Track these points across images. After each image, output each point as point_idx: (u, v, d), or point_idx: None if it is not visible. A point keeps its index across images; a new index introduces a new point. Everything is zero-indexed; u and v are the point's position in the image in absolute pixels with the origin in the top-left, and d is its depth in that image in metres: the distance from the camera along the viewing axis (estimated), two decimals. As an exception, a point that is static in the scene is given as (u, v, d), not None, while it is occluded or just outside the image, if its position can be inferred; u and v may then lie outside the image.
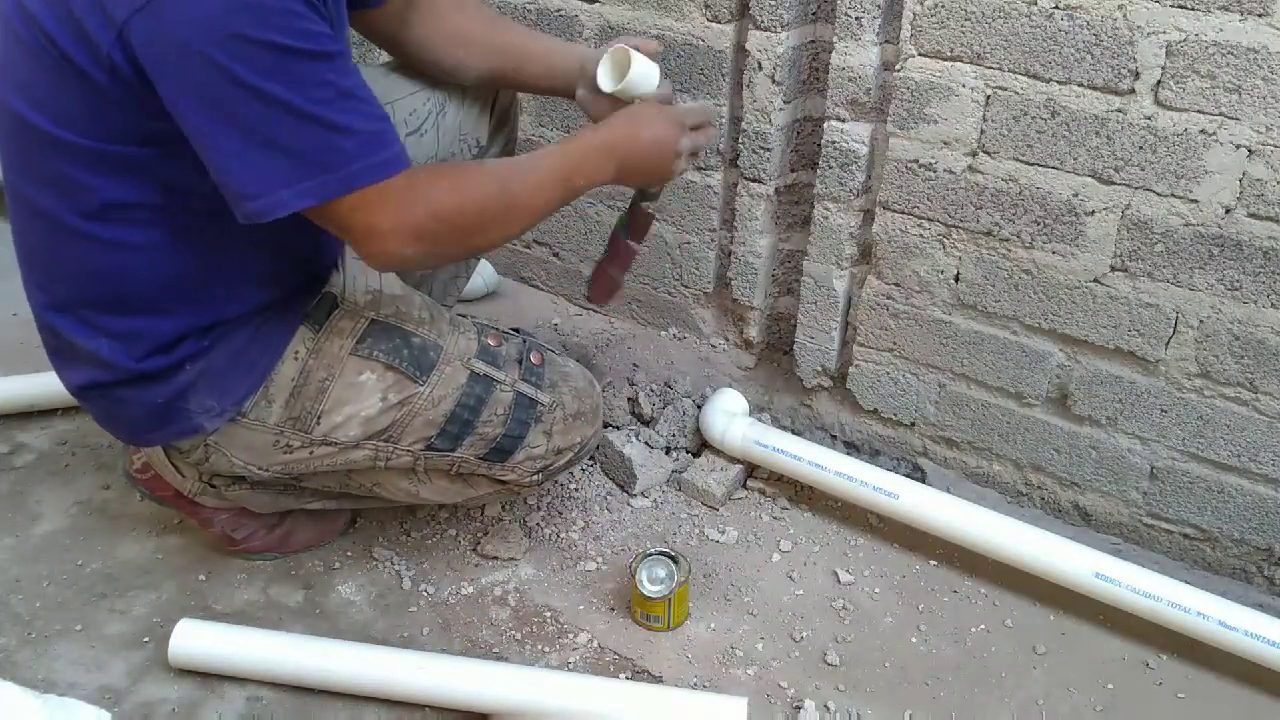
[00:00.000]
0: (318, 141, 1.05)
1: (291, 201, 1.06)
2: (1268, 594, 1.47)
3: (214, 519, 1.49)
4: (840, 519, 1.66)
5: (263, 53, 1.01)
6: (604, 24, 1.78)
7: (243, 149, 1.04)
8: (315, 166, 1.05)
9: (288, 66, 1.02)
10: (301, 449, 1.31)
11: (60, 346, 1.27)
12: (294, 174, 1.05)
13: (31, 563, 1.53)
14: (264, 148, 1.04)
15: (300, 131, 1.04)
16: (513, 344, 1.39)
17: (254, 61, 1.00)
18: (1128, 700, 1.37)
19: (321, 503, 1.49)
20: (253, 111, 1.02)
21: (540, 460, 1.38)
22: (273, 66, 1.01)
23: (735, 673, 1.40)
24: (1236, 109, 1.26)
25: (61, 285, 1.23)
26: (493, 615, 1.46)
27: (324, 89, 1.05)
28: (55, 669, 1.36)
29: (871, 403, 1.71)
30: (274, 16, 1.01)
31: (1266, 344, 1.35)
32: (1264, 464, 1.41)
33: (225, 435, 1.31)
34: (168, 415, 1.27)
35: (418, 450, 1.33)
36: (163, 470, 1.44)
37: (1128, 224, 1.38)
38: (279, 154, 1.04)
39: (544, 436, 1.37)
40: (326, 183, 1.06)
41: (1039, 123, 1.39)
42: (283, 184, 1.05)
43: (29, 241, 1.23)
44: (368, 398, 1.29)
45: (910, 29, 1.44)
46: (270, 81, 1.01)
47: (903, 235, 1.56)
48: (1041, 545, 1.47)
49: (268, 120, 1.03)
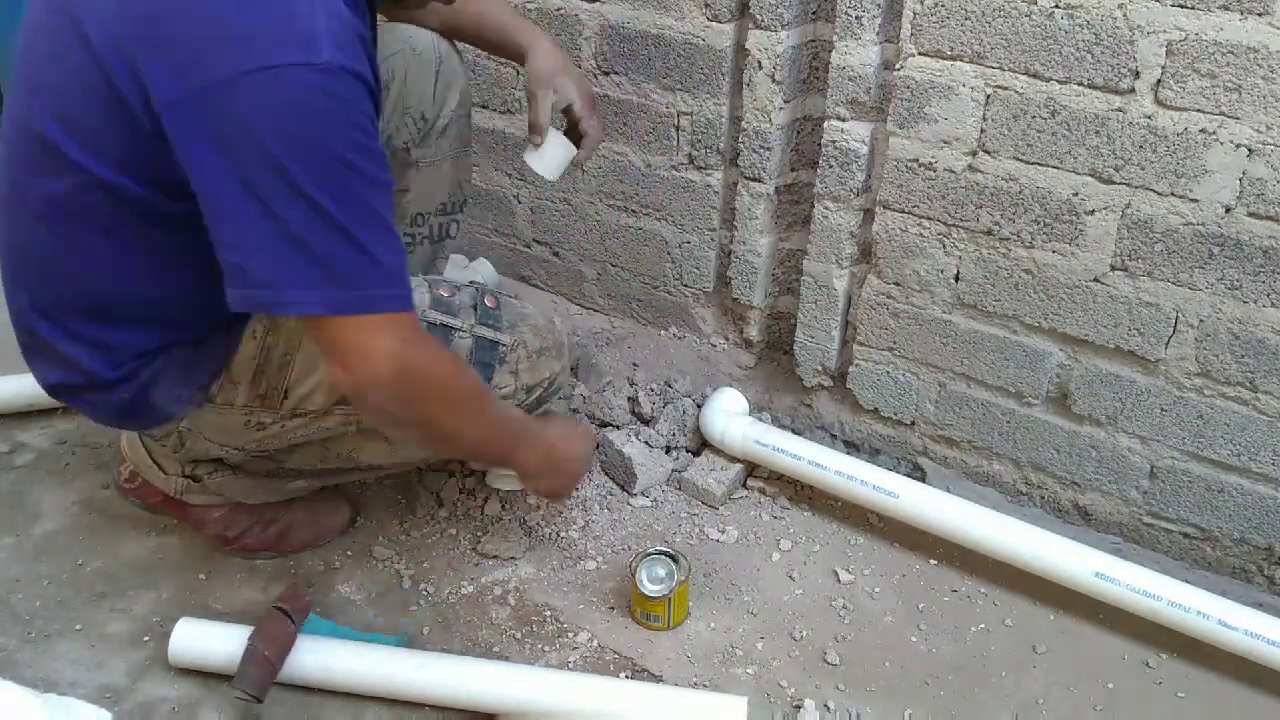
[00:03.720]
0: (350, 258, 1.05)
1: (306, 304, 1.06)
2: (1268, 593, 1.47)
3: (206, 519, 1.50)
4: (840, 518, 1.66)
5: (323, 159, 1.02)
6: (604, 23, 1.78)
7: (271, 241, 1.03)
8: (341, 279, 1.05)
9: (344, 181, 1.03)
10: (274, 424, 1.33)
11: (36, 346, 1.27)
12: (317, 280, 1.05)
13: (31, 562, 1.53)
14: (295, 247, 1.03)
15: (336, 245, 1.04)
16: (466, 292, 1.40)
17: (312, 164, 1.01)
18: (1127, 699, 1.37)
19: (305, 482, 1.50)
20: (294, 210, 1.02)
21: (511, 400, 1.41)
22: (328, 176, 1.02)
23: (735, 672, 1.40)
24: (1237, 108, 1.26)
25: (52, 290, 1.23)
26: (493, 614, 1.46)
27: (367, 212, 1.06)
28: (55, 668, 1.36)
29: (871, 402, 1.71)
30: (345, 129, 1.03)
31: (1266, 343, 1.35)
32: (1264, 463, 1.41)
33: (197, 420, 1.34)
34: (135, 410, 1.30)
35: None
36: (147, 472, 1.46)
37: (1128, 223, 1.38)
38: (308, 258, 1.04)
39: (510, 376, 1.39)
40: (345, 298, 1.06)
41: (1039, 122, 1.39)
42: (302, 285, 1.05)
43: (25, 244, 1.23)
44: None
45: (910, 28, 1.44)
46: (321, 189, 1.02)
47: (903, 234, 1.56)
48: (1041, 544, 1.47)
49: (308, 224, 1.03)
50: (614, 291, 2.02)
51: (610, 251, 1.97)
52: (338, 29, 1.03)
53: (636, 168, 1.86)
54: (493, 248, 2.16)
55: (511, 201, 2.08)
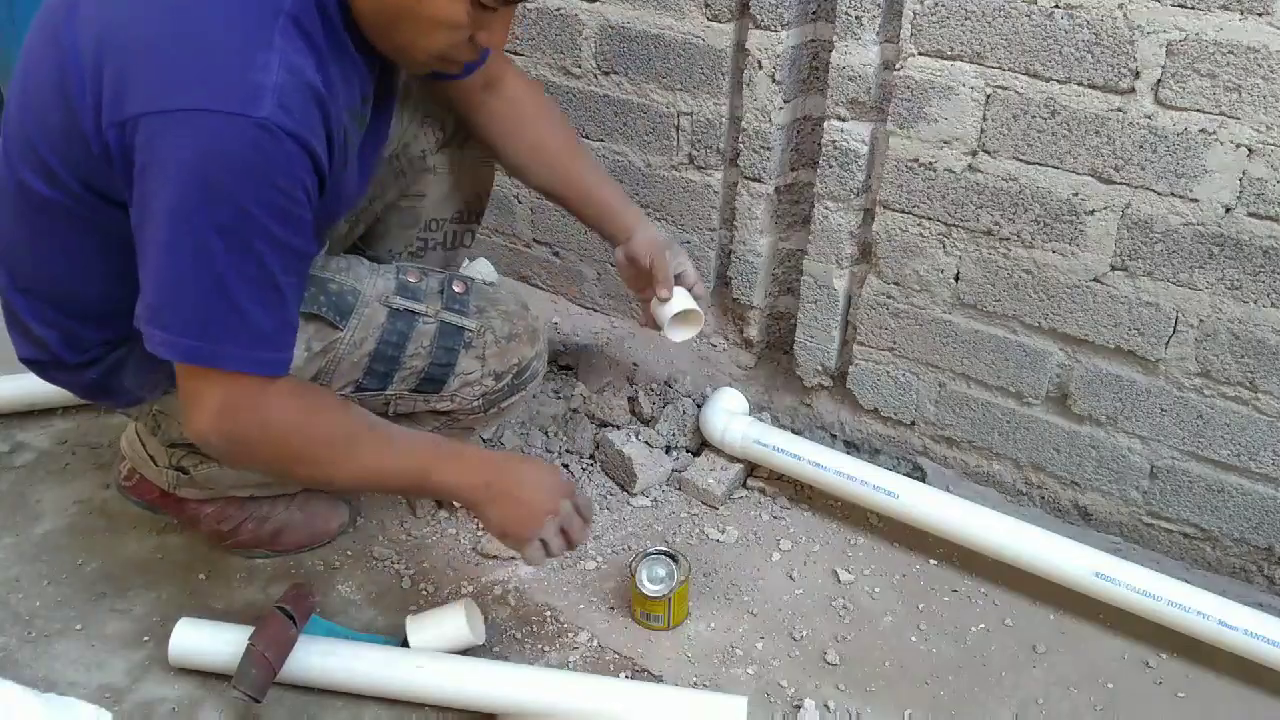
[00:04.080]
0: (218, 312, 1.06)
1: (162, 345, 1.08)
2: (1268, 593, 1.47)
3: (200, 514, 1.51)
4: (840, 518, 1.66)
5: (229, 210, 1.02)
6: (604, 23, 1.78)
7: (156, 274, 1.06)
8: (202, 330, 1.07)
9: (244, 237, 1.04)
10: None
11: (15, 322, 1.31)
12: (180, 324, 1.07)
13: (32, 562, 1.53)
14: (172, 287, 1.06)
15: (210, 295, 1.05)
16: (434, 277, 1.39)
17: (215, 212, 1.02)
18: (1127, 699, 1.37)
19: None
20: (183, 253, 1.04)
21: (479, 386, 1.40)
22: (229, 228, 1.03)
23: (735, 672, 1.40)
24: (1237, 108, 1.26)
25: (30, 273, 1.25)
26: (493, 614, 1.46)
27: (259, 272, 1.07)
28: (55, 668, 1.36)
29: (871, 402, 1.71)
30: (263, 187, 1.03)
31: (1266, 343, 1.35)
32: (1264, 463, 1.41)
33: (167, 404, 1.35)
34: (104, 390, 1.33)
35: (349, 393, 1.35)
36: (142, 466, 1.47)
37: (1128, 223, 1.38)
38: (180, 301, 1.06)
39: (477, 361, 1.38)
40: (197, 349, 1.07)
41: (1039, 122, 1.39)
42: (161, 325, 1.07)
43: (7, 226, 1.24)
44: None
45: (910, 28, 1.44)
46: (217, 238, 1.03)
47: (903, 234, 1.56)
48: (1041, 544, 1.47)
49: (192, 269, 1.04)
50: (614, 291, 2.02)
51: (610, 251, 1.97)
52: (289, 88, 1.03)
53: (636, 168, 1.86)
54: (493, 248, 2.16)
55: (511, 201, 2.08)
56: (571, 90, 1.88)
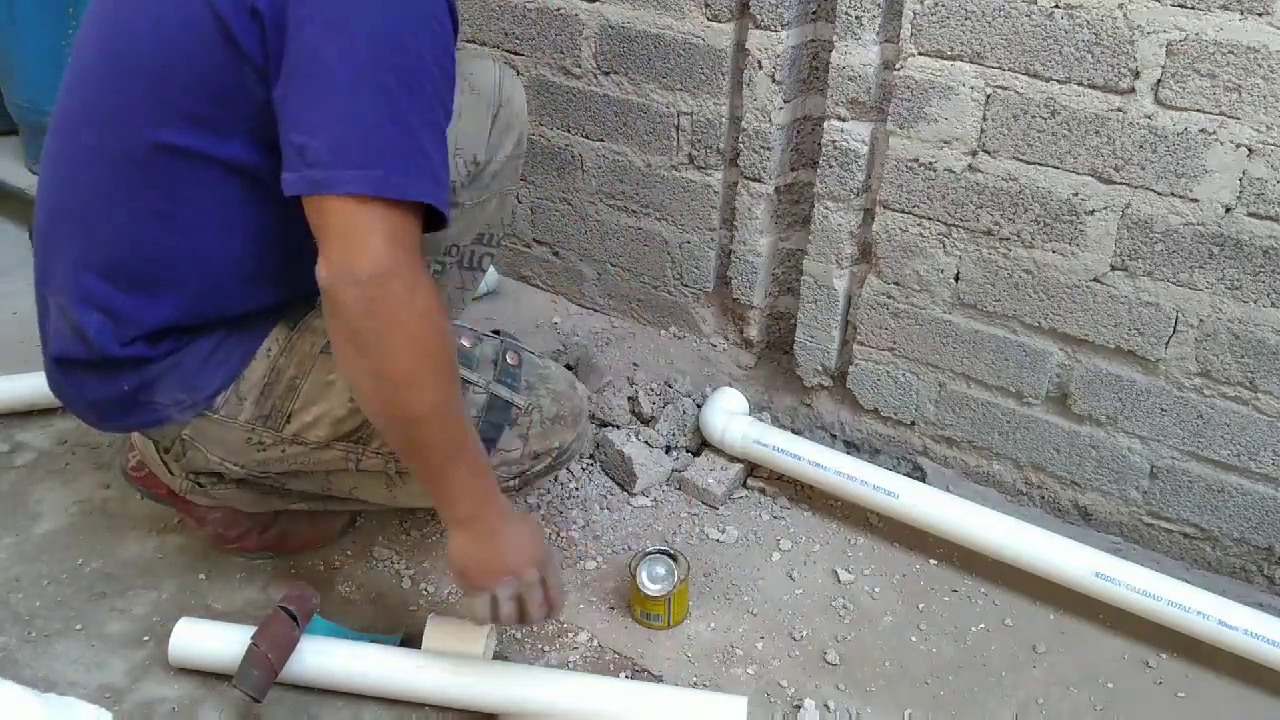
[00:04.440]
0: (403, 147, 1.06)
1: (349, 182, 1.03)
2: (1268, 593, 1.47)
3: (207, 517, 1.50)
4: (840, 518, 1.66)
5: (411, 57, 1.06)
6: (604, 23, 1.78)
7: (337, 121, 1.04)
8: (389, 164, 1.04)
9: (423, 81, 1.07)
10: (274, 447, 1.30)
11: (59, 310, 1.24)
12: (370, 160, 1.03)
13: (32, 562, 1.53)
14: (359, 129, 1.04)
15: (392, 133, 1.05)
16: (488, 344, 1.36)
17: (399, 58, 1.05)
18: (1127, 699, 1.37)
19: (308, 505, 1.48)
20: (371, 97, 1.04)
21: (516, 465, 1.35)
22: (411, 72, 1.06)
23: (735, 671, 1.40)
24: (1236, 108, 1.26)
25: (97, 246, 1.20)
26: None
27: (434, 116, 1.09)
28: (55, 668, 1.36)
29: (871, 402, 1.71)
30: (437, 36, 1.08)
31: (1266, 343, 1.35)
32: (1264, 463, 1.41)
33: (199, 430, 1.30)
34: (134, 404, 1.26)
35: (387, 453, 1.31)
36: (155, 468, 1.45)
37: (1128, 223, 1.38)
38: (367, 141, 1.04)
39: (520, 440, 1.34)
40: (389, 180, 1.04)
41: (1039, 122, 1.39)
42: (353, 165, 1.03)
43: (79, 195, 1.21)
44: (337, 398, 1.27)
45: (910, 28, 1.44)
46: (401, 82, 1.05)
47: (903, 234, 1.56)
48: (1041, 544, 1.47)
49: (381, 111, 1.04)
50: (614, 291, 2.02)
51: (610, 251, 1.98)
52: None
53: (636, 168, 1.86)
54: (493, 248, 2.16)
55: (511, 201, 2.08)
56: (571, 90, 1.88)
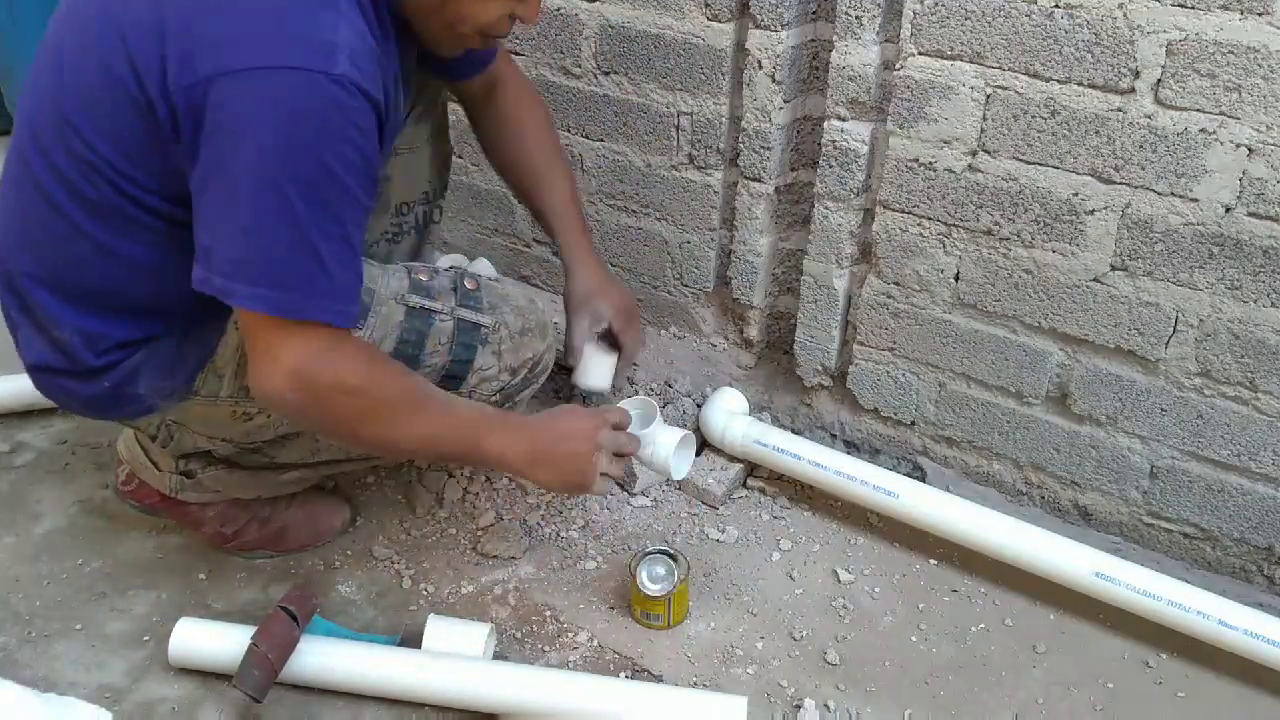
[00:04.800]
0: (302, 264, 1.08)
1: (247, 298, 1.09)
2: (1268, 593, 1.47)
3: (203, 518, 1.50)
4: (840, 518, 1.66)
5: (311, 165, 1.05)
6: (604, 23, 1.78)
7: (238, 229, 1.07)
8: (286, 281, 1.08)
9: (324, 190, 1.06)
10: (260, 414, 1.34)
11: (31, 322, 1.28)
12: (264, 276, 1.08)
13: (32, 562, 1.53)
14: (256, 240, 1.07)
15: (294, 248, 1.07)
16: (444, 275, 1.41)
17: (299, 166, 1.04)
18: (1127, 699, 1.37)
19: (299, 474, 1.49)
20: (266, 206, 1.05)
21: (495, 381, 1.41)
22: (311, 181, 1.05)
23: (735, 671, 1.40)
24: (1236, 108, 1.26)
25: (49, 267, 1.24)
26: (493, 614, 1.46)
27: (336, 226, 1.09)
28: (55, 668, 1.36)
29: (871, 402, 1.71)
30: (342, 142, 1.06)
31: (1266, 343, 1.35)
32: (1264, 463, 1.41)
33: (182, 413, 1.34)
34: (117, 399, 1.30)
35: None
36: (143, 472, 1.46)
37: (1128, 223, 1.38)
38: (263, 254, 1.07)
39: (494, 357, 1.39)
40: (283, 299, 1.09)
41: (1039, 122, 1.39)
42: (248, 279, 1.08)
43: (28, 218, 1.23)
44: None
45: (910, 28, 1.44)
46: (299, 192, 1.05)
47: (903, 234, 1.56)
48: (1041, 544, 1.47)
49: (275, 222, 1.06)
50: (614, 291, 2.02)
51: (610, 251, 1.97)
52: (358, 48, 1.07)
53: (636, 168, 1.86)
54: (493, 248, 2.16)
55: (511, 201, 2.07)
56: (571, 90, 1.88)
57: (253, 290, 1.08)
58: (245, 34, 1.04)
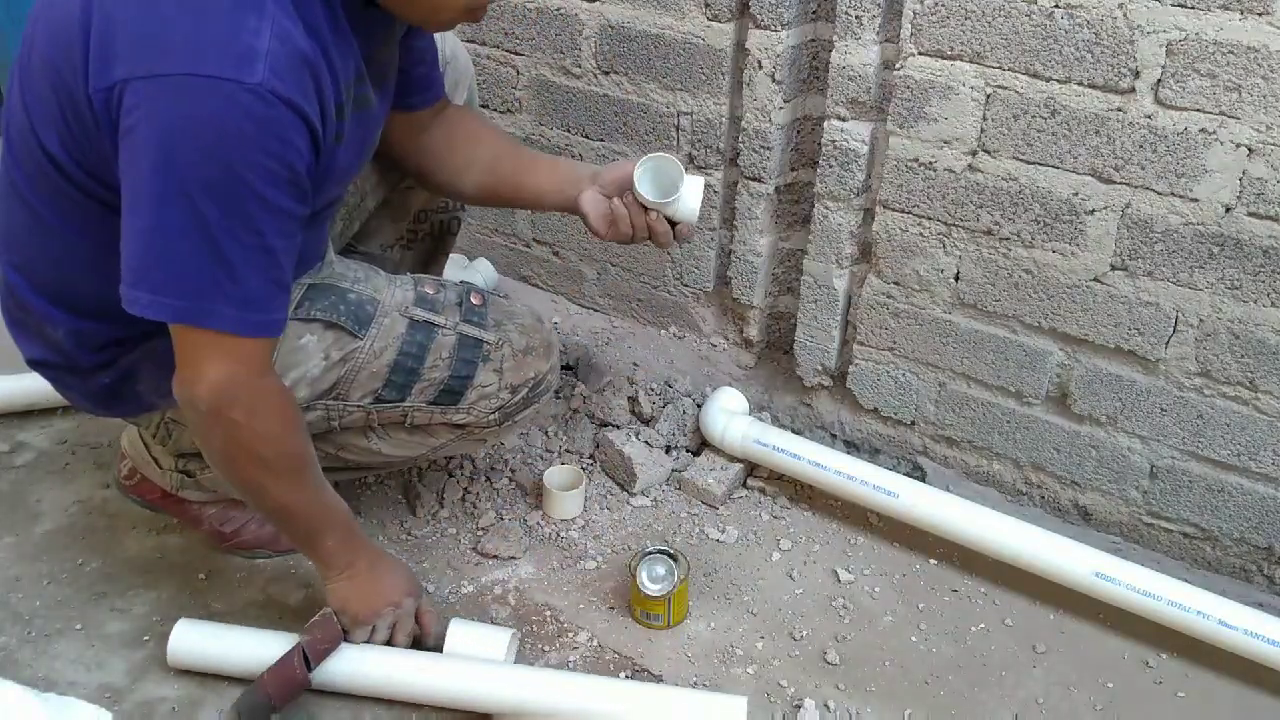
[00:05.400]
0: (206, 270, 1.05)
1: (146, 305, 1.06)
2: (1268, 593, 1.47)
3: (202, 515, 1.50)
4: (840, 518, 1.66)
5: (221, 173, 1.02)
6: (604, 23, 1.78)
7: (144, 238, 1.05)
8: (189, 290, 1.06)
9: (235, 199, 1.03)
10: None
11: (25, 320, 1.29)
12: (168, 285, 1.06)
13: (32, 561, 1.53)
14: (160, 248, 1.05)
15: (199, 255, 1.04)
16: (451, 289, 1.39)
17: (207, 174, 1.01)
18: (1127, 699, 1.37)
19: None
20: (173, 213, 1.03)
21: (495, 399, 1.39)
22: (221, 190, 1.02)
23: (735, 671, 1.40)
24: (1236, 108, 1.26)
25: (39, 273, 1.25)
26: (493, 614, 1.46)
27: (249, 233, 1.06)
28: (55, 668, 1.36)
29: (871, 402, 1.71)
30: (255, 151, 1.02)
31: (1266, 343, 1.35)
32: (1264, 463, 1.41)
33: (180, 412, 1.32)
34: (116, 396, 1.30)
35: (367, 404, 1.35)
36: (145, 468, 1.46)
37: (1128, 223, 1.38)
38: (168, 261, 1.05)
39: (495, 375, 1.38)
40: (183, 308, 1.06)
41: (1039, 122, 1.39)
42: (148, 286, 1.06)
43: (12, 217, 1.24)
44: (310, 359, 1.29)
45: (910, 28, 1.44)
46: (208, 200, 1.02)
47: (903, 234, 1.56)
48: (1041, 544, 1.47)
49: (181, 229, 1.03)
50: (614, 291, 2.02)
51: (610, 251, 1.97)
52: (282, 54, 1.02)
53: (636, 167, 1.86)
54: (493, 248, 2.16)
55: (511, 201, 2.08)
56: (571, 90, 1.88)
57: (153, 298, 1.06)
58: (161, 37, 1.01)
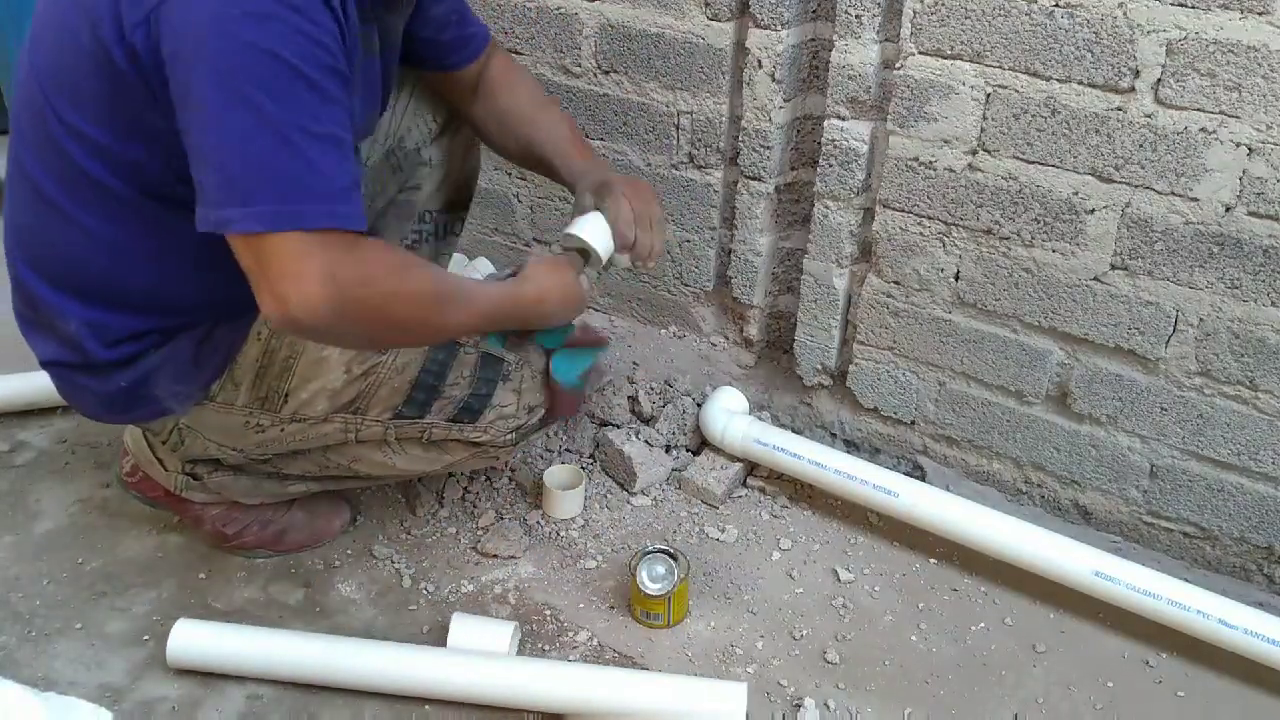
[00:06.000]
0: (288, 168, 1.02)
1: (239, 221, 1.02)
2: (1268, 592, 1.47)
3: (205, 516, 1.50)
4: (840, 517, 1.66)
5: (273, 67, 1.00)
6: (604, 22, 1.78)
7: (217, 152, 1.02)
8: (278, 193, 1.02)
9: (292, 90, 1.01)
10: (272, 428, 1.33)
11: (37, 318, 1.27)
12: (253, 194, 1.01)
13: (32, 561, 1.53)
14: (237, 158, 1.01)
15: (276, 154, 1.01)
16: None
17: (260, 71, 1.00)
18: (1127, 698, 1.37)
19: (305, 486, 1.49)
20: (239, 118, 1.00)
21: (512, 419, 1.39)
22: (277, 84, 1.00)
23: (735, 671, 1.40)
24: (1237, 107, 1.26)
25: (50, 264, 1.24)
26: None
27: (314, 123, 1.03)
28: (55, 667, 1.36)
29: (871, 401, 1.71)
30: (300, 40, 1.01)
31: (1266, 342, 1.35)
32: (1264, 462, 1.41)
33: (196, 418, 1.33)
34: (132, 399, 1.28)
35: (386, 419, 1.35)
36: (148, 466, 1.46)
37: (1128, 222, 1.38)
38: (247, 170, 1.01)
39: (513, 395, 1.38)
40: (279, 213, 1.02)
41: (1039, 121, 1.39)
42: (237, 201, 1.02)
43: (23, 210, 1.23)
44: (332, 371, 1.30)
45: (910, 27, 1.44)
46: (267, 96, 1.00)
47: (903, 233, 1.56)
48: (1041, 543, 1.47)
49: (251, 132, 1.00)
50: (614, 291, 2.02)
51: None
52: None
53: (637, 167, 1.86)
54: (493, 247, 2.16)
55: (511, 200, 2.08)
56: (571, 89, 1.88)
57: (246, 210, 1.01)
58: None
